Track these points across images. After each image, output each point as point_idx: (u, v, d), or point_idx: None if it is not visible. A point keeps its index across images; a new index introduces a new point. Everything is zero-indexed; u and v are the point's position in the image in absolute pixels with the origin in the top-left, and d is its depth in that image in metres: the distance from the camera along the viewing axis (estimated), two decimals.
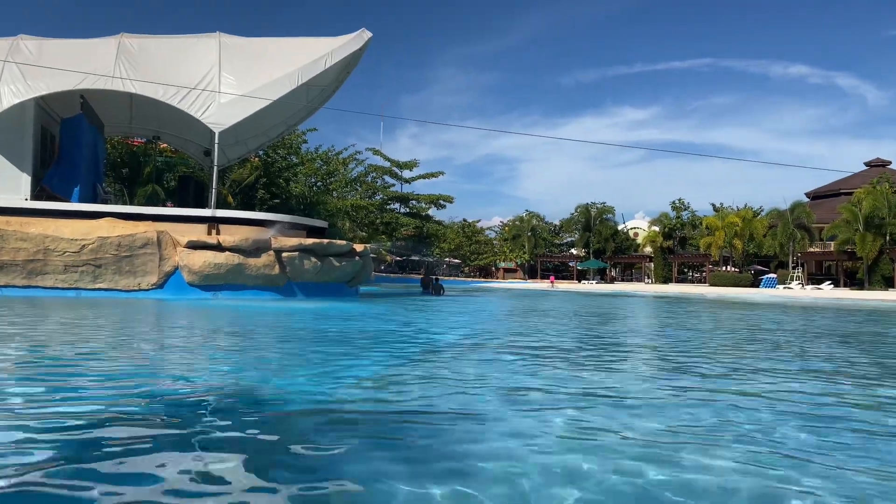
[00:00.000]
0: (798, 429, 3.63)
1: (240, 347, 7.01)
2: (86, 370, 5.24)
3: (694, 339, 9.34)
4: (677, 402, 4.36)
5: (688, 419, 3.83)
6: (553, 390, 4.65)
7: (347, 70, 20.52)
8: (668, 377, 5.64)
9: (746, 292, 42.21)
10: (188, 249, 15.15)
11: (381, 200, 63.56)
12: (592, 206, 75.80)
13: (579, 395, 4.51)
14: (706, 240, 63.15)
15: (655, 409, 4.14)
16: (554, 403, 4.24)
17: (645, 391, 4.80)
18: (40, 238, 14.14)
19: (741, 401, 4.43)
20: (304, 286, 16.19)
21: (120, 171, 35.22)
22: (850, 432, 3.63)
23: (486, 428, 3.49)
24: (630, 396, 4.51)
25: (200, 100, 16.47)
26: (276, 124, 22.72)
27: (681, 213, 72.24)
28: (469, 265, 77.77)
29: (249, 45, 18.21)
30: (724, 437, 3.40)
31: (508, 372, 5.52)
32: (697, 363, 6.54)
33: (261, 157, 39.18)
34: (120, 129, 23.82)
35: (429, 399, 4.25)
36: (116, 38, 16.80)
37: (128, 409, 3.76)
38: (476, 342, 8.31)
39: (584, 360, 6.61)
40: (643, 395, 4.58)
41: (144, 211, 16.30)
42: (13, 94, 15.11)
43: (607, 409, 4.10)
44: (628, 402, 4.31)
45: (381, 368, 5.66)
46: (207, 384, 4.66)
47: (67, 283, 14.42)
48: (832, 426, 3.78)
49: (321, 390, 4.47)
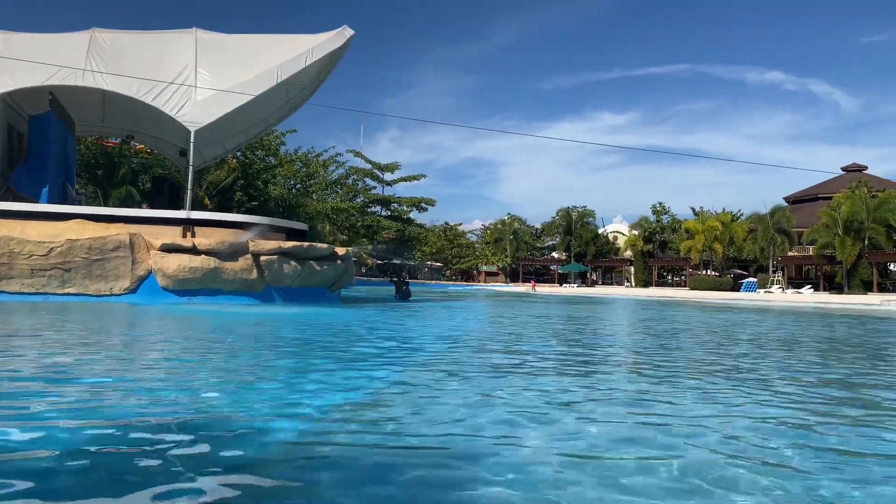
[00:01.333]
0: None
1: (205, 362, 6.43)
2: (30, 389, 4.72)
3: (712, 356, 8.96)
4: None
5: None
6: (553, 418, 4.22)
7: (329, 68, 20.01)
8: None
9: (730, 296, 42.18)
10: (162, 253, 14.55)
11: (362, 203, 62.97)
12: (573, 209, 75.72)
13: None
14: (686, 243, 63.20)
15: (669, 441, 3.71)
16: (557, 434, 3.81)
17: (662, 421, 4.39)
18: (5, 240, 13.46)
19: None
20: (284, 291, 15.64)
21: (94, 172, 34.32)
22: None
23: (481, 466, 3.04)
24: (645, 423, 4.10)
25: (176, 97, 15.89)
26: (255, 123, 22.14)
27: (661, 217, 72.35)
28: (451, 268, 77.34)
29: (227, 42, 17.64)
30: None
31: (503, 392, 5.08)
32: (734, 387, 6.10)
33: (238, 159, 38.45)
34: (92, 129, 23.09)
35: (416, 427, 3.77)
36: (88, 33, 16.16)
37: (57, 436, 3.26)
38: (465, 356, 7.88)
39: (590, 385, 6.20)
40: (657, 425, 4.16)
41: (116, 212, 15.67)
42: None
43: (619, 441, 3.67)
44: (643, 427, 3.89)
45: (363, 387, 5.19)
46: (164, 409, 4.09)
47: (34, 287, 13.76)
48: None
49: (294, 416, 3.95)
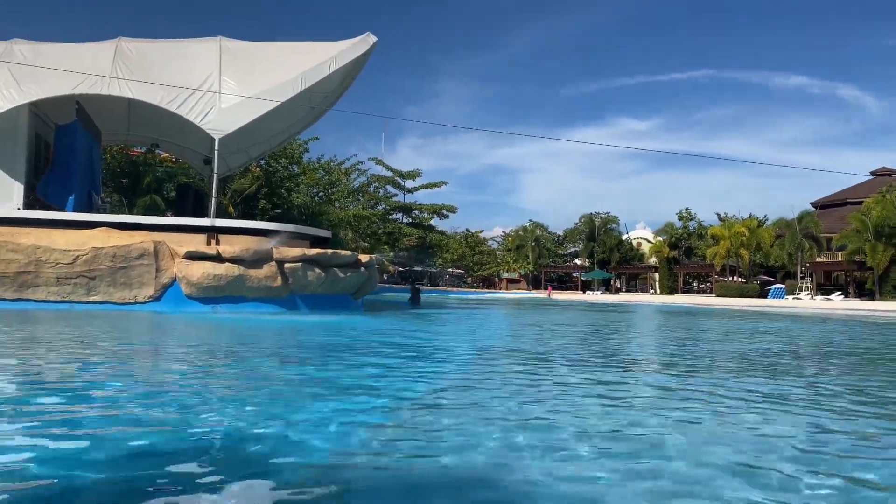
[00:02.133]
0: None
1: (226, 377, 6.23)
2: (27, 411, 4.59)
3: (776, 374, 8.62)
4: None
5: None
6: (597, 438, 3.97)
7: (352, 76, 19.93)
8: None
9: (758, 303, 41.45)
10: (186, 260, 14.49)
11: (384, 210, 62.94)
12: (596, 215, 75.13)
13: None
14: (712, 250, 62.38)
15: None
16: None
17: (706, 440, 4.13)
18: (32, 249, 13.49)
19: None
20: (308, 298, 15.52)
21: (119, 181, 34.62)
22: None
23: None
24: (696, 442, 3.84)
25: (200, 105, 15.86)
26: (279, 132, 22.12)
27: (687, 222, 71.53)
28: (472, 275, 77.09)
29: (251, 50, 17.63)
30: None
31: (540, 413, 4.85)
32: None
33: (262, 167, 38.57)
34: (118, 137, 23.26)
35: (449, 453, 3.53)
36: (114, 42, 16.23)
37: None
38: (493, 367, 7.66)
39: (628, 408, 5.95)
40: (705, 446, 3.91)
41: (141, 220, 15.67)
42: (5, 99, 14.51)
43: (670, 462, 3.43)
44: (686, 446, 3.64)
45: (389, 406, 4.99)
46: (183, 428, 3.83)
47: (60, 295, 13.76)
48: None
49: (318, 439, 3.68)
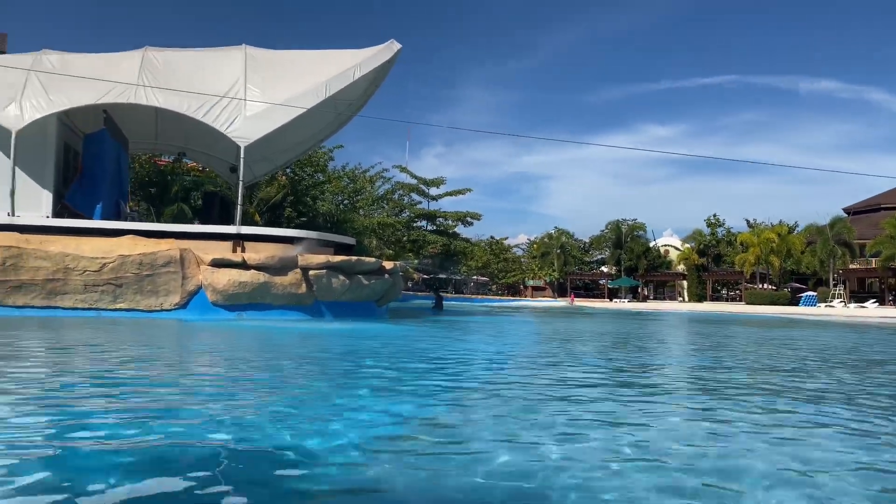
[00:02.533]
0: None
1: (252, 390, 6.13)
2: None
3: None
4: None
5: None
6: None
7: (376, 83, 19.91)
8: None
9: (790, 311, 40.65)
10: (212, 268, 14.51)
11: (408, 218, 62.94)
12: (623, 222, 74.43)
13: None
14: (741, 256, 61.43)
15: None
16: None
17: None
18: (60, 256, 13.60)
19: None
20: (333, 305, 15.46)
21: (148, 190, 35.07)
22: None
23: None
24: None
25: (226, 113, 15.93)
26: (304, 140, 22.18)
27: (715, 229, 70.57)
28: (497, 283, 76.76)
29: (276, 58, 17.68)
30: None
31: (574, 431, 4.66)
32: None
33: (288, 176, 38.81)
34: (145, 146, 23.50)
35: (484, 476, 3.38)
36: (140, 52, 16.38)
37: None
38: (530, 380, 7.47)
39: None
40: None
41: (167, 228, 15.76)
42: (34, 108, 14.69)
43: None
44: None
45: (419, 412, 4.84)
46: (205, 442, 3.70)
47: (87, 303, 13.84)
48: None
49: (354, 453, 3.58)
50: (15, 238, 13.58)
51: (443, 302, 24.31)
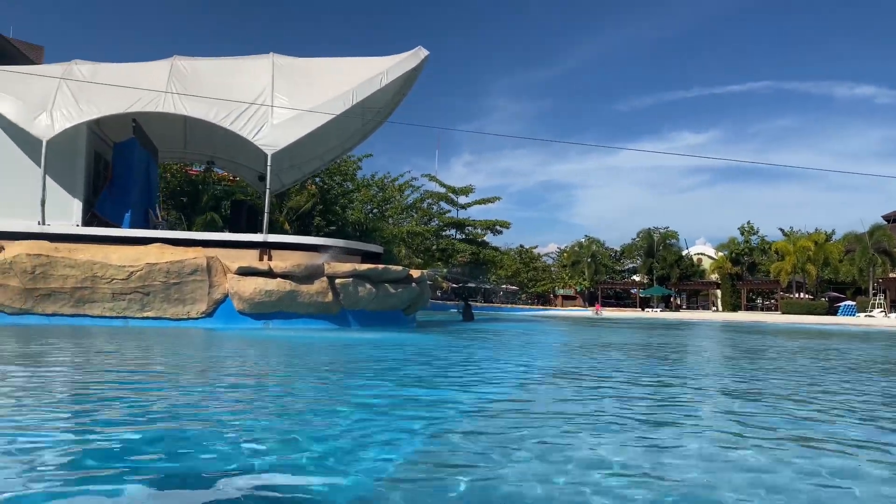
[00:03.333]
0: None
1: (274, 419, 5.92)
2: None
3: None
4: None
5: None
6: None
7: (403, 91, 19.79)
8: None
9: (829, 321, 39.56)
10: (238, 276, 14.44)
11: (437, 227, 62.80)
12: (655, 231, 73.38)
13: None
14: (777, 265, 60.13)
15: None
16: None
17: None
18: (88, 265, 13.64)
19: None
20: (359, 314, 15.28)
21: (179, 199, 35.41)
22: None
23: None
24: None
25: (253, 121, 15.90)
26: (331, 148, 22.14)
27: (749, 237, 69.22)
28: (527, 292, 76.14)
29: (303, 66, 17.64)
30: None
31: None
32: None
33: (317, 185, 38.93)
34: (175, 155, 23.65)
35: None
36: (169, 61, 16.45)
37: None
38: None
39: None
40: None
41: (194, 236, 15.74)
42: (65, 118, 14.81)
43: None
44: None
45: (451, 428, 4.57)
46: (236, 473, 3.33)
47: (115, 311, 13.86)
48: None
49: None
50: (44, 247, 13.66)
51: (472, 311, 23.87)
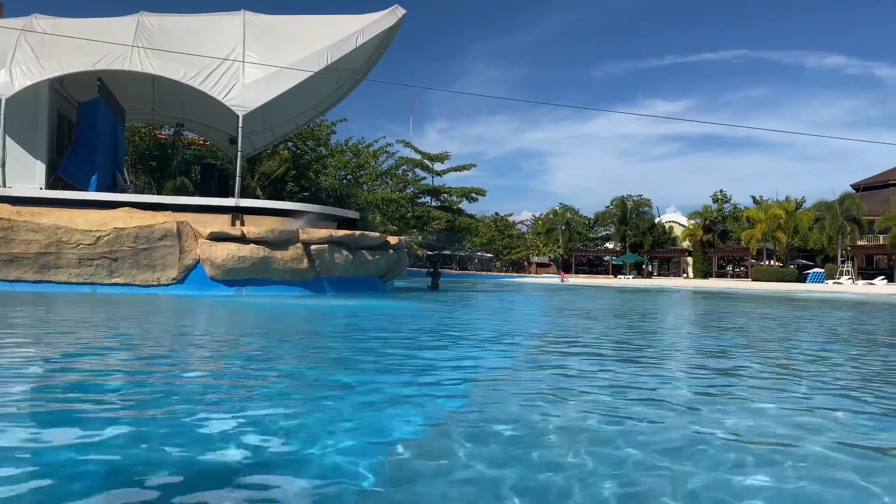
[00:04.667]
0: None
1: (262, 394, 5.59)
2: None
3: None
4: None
5: None
6: None
7: (380, 51, 19.26)
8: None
9: (797, 288, 40.20)
10: (210, 242, 14.03)
11: (413, 194, 62.29)
12: (629, 198, 73.59)
13: None
14: (748, 233, 60.71)
15: None
16: None
17: None
18: (53, 229, 13.12)
19: None
20: (335, 281, 14.99)
21: (148, 163, 34.48)
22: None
23: None
24: None
25: (224, 81, 15.33)
26: (305, 110, 21.57)
27: (722, 205, 69.77)
28: (501, 259, 76.23)
29: (276, 24, 17.02)
30: None
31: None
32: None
33: (290, 150, 38.18)
34: (143, 117, 22.91)
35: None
36: (135, 17, 15.73)
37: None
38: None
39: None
40: None
41: (164, 200, 15.24)
42: (25, 75, 14.10)
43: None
44: None
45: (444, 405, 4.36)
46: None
47: (82, 277, 13.39)
48: None
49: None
50: (5, 210, 13.09)
51: (439, 280, 23.64)
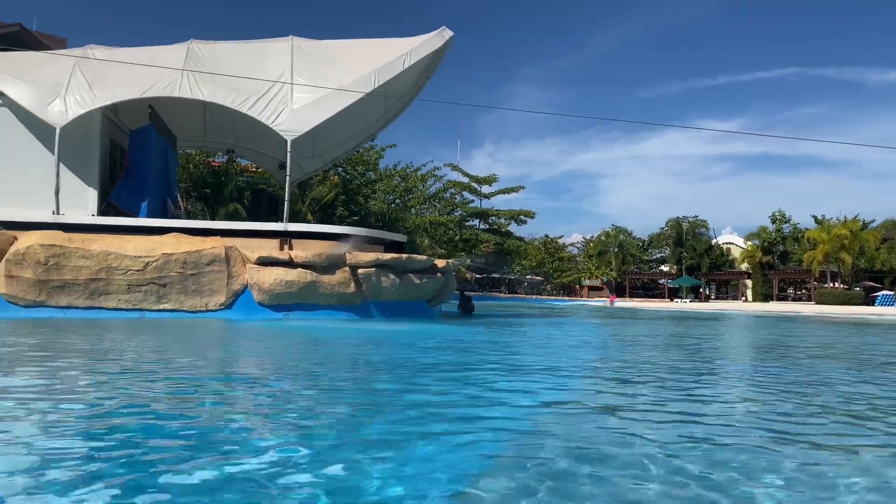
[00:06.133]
0: None
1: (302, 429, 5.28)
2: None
3: None
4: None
5: None
6: None
7: (427, 74, 19.10)
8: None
9: (867, 311, 38.28)
10: (258, 266, 13.91)
11: (460, 217, 62.15)
12: (684, 220, 71.88)
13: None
14: (810, 254, 58.49)
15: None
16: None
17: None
18: (103, 255, 13.18)
19: None
20: (382, 305, 14.69)
21: (203, 190, 35.15)
22: None
23: None
24: None
25: (272, 106, 15.34)
26: (354, 134, 21.53)
27: (781, 225, 67.50)
28: (552, 283, 75.22)
29: (324, 48, 17.05)
30: None
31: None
32: None
33: (340, 175, 38.51)
34: (195, 143, 23.26)
35: None
36: (185, 45, 15.94)
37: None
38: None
39: None
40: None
41: (213, 226, 15.25)
42: (78, 104, 14.35)
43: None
44: None
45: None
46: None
47: (131, 303, 13.40)
48: None
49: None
50: (58, 237, 13.22)
51: (471, 304, 22.08)
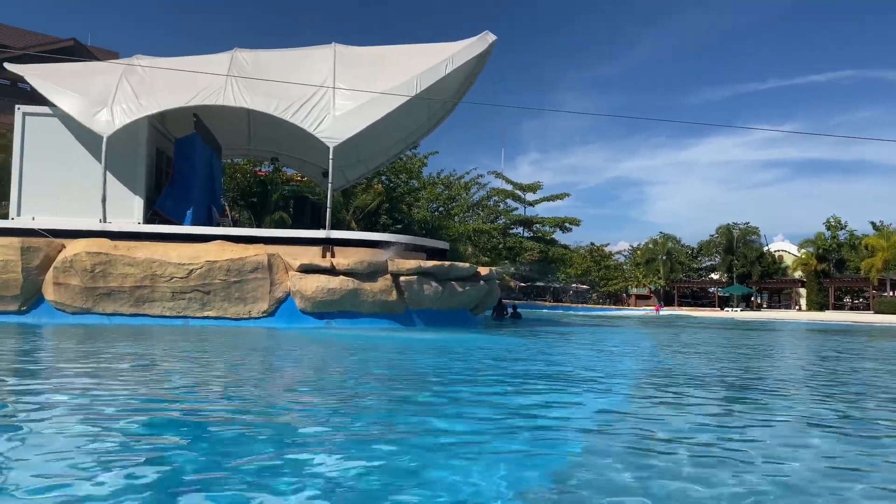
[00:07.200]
0: None
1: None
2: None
3: None
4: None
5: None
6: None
7: (470, 80, 18.86)
8: None
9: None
10: (300, 273, 13.83)
11: (504, 224, 61.68)
12: (735, 226, 69.88)
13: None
14: (868, 262, 56.28)
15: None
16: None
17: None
18: (147, 263, 13.26)
19: None
20: (424, 313, 14.45)
21: (249, 199, 35.59)
22: None
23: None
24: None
25: (315, 113, 15.29)
26: (396, 141, 21.43)
27: (836, 232, 65.16)
28: (598, 291, 73.97)
29: (366, 54, 16.95)
30: None
31: None
32: None
33: (383, 183, 38.59)
34: (240, 152, 23.46)
35: None
36: (229, 54, 16.03)
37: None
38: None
39: None
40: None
41: (255, 233, 15.23)
42: (125, 113, 14.51)
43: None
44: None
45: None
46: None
47: (175, 310, 13.44)
48: None
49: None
50: (104, 245, 13.36)
51: (506, 311, 21.36)
